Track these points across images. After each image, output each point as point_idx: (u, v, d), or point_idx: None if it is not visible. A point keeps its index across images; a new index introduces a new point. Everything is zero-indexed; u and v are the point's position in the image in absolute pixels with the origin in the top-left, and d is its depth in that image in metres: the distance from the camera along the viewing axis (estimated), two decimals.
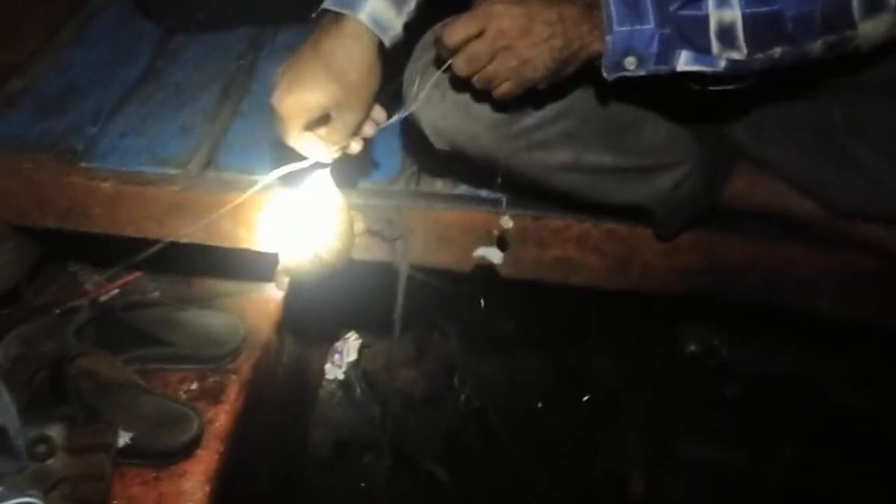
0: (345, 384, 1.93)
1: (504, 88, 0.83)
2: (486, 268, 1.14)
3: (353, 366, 1.94)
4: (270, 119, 0.91)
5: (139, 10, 1.47)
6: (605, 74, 0.83)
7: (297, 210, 0.96)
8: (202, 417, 1.16)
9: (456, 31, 0.81)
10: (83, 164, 1.11)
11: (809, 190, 1.03)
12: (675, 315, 1.48)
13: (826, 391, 1.43)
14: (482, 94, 0.88)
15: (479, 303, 1.62)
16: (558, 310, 1.54)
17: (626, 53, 0.82)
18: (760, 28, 0.81)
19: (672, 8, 0.81)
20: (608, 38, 0.81)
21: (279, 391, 1.52)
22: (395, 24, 0.87)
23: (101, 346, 1.22)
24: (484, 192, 1.13)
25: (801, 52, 0.83)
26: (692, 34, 0.82)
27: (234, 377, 1.27)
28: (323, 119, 0.89)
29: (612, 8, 0.81)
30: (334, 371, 1.94)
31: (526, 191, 1.05)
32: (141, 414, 1.13)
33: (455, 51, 0.82)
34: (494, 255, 1.07)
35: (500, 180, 0.98)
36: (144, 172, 1.11)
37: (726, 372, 1.46)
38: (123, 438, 1.08)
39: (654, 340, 1.56)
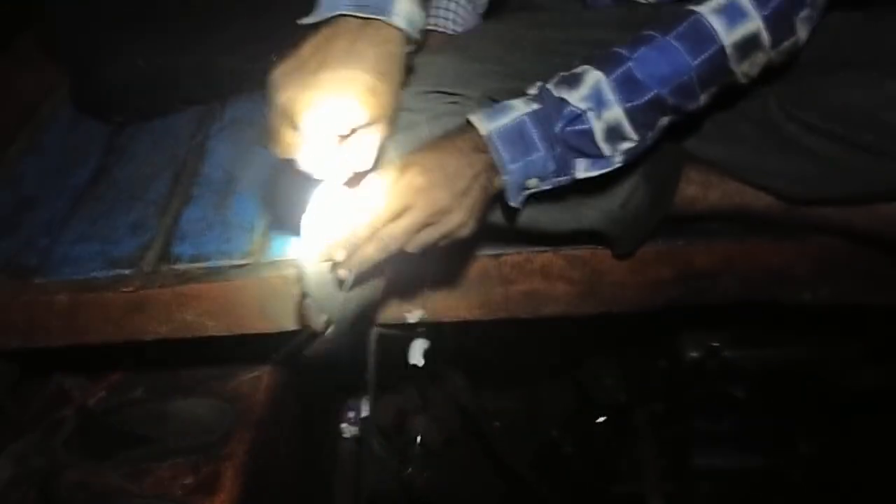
0: (362, 441, 1.92)
1: (423, 237, 0.81)
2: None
3: (367, 422, 1.92)
4: (272, 136, 0.77)
5: (84, 110, 1.48)
6: (511, 203, 0.85)
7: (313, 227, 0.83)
8: None
9: (387, 206, 0.78)
10: (37, 280, 1.11)
11: (762, 183, 1.00)
12: (669, 323, 1.45)
13: (835, 376, 1.38)
14: None
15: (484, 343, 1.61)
16: (554, 335, 1.51)
17: (526, 179, 0.84)
18: (644, 115, 0.83)
19: (557, 129, 0.82)
20: (505, 177, 0.82)
21: (287, 463, 1.50)
22: (421, 17, 0.81)
23: (90, 453, 1.22)
24: None
25: (688, 110, 0.86)
26: (582, 146, 0.83)
27: (228, 463, 1.25)
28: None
29: (501, 150, 0.81)
30: (350, 430, 1.93)
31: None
32: None
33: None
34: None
35: None
36: (98, 278, 1.10)
37: (731, 372, 1.42)
38: None
39: (654, 351, 1.52)
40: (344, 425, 1.92)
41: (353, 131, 0.77)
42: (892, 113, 0.87)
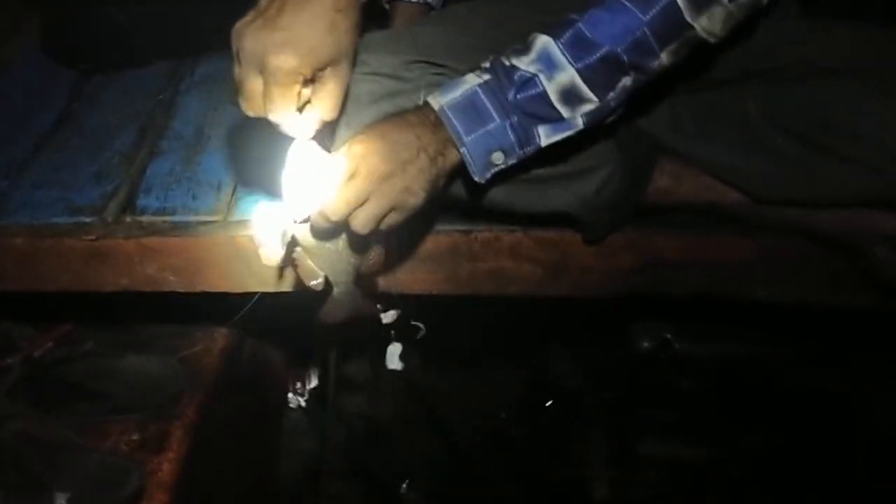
0: (308, 412, 1.91)
1: (390, 219, 0.81)
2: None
3: (315, 392, 1.92)
4: (238, 89, 0.76)
5: (52, 56, 1.43)
6: (477, 179, 0.84)
7: (290, 180, 0.82)
8: (144, 469, 1.12)
9: (328, 187, 0.77)
10: None
11: (733, 181, 1.02)
12: (626, 312, 1.48)
13: (781, 373, 1.42)
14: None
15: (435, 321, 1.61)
16: (510, 317, 1.52)
17: (490, 152, 0.82)
18: (598, 73, 0.82)
19: (510, 96, 0.81)
20: (462, 149, 0.82)
21: (236, 427, 1.49)
22: None
23: (35, 405, 1.19)
24: None
25: (650, 69, 0.84)
26: (539, 111, 0.82)
27: (177, 423, 1.23)
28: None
29: (455, 122, 0.81)
30: (297, 399, 1.92)
31: (446, 209, 1.03)
32: (79, 473, 1.09)
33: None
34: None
35: None
36: (58, 224, 1.07)
37: (681, 364, 1.45)
38: (61, 501, 1.05)
39: (608, 339, 1.55)
40: (290, 394, 1.91)
41: (317, 75, 0.76)
42: (867, 122, 0.90)
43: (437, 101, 0.82)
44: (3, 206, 1.10)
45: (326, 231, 0.82)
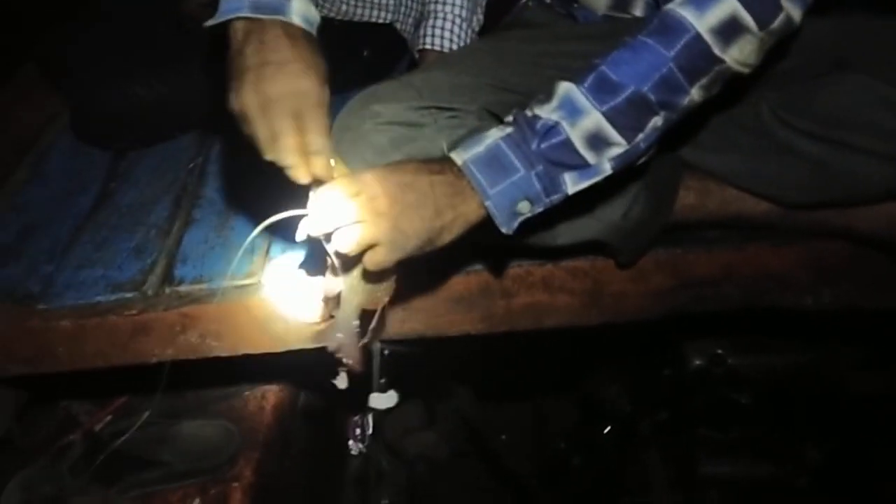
0: (369, 458, 1.91)
1: (378, 255, 0.79)
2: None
3: (374, 438, 1.92)
4: (252, 143, 0.81)
5: (86, 139, 1.49)
6: (504, 230, 0.82)
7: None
8: None
9: (329, 192, 0.78)
10: (41, 307, 1.12)
11: (759, 190, 1.00)
12: (675, 330, 1.45)
13: (840, 379, 1.38)
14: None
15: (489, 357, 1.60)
16: (558, 346, 1.51)
17: (515, 203, 0.81)
18: (626, 115, 0.80)
19: (533, 146, 0.80)
20: (487, 203, 0.80)
21: (296, 481, 1.50)
22: (315, 16, 0.84)
23: (97, 479, 1.22)
24: None
25: (681, 108, 0.82)
26: (564, 158, 0.80)
27: (235, 485, 1.25)
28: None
29: (479, 176, 0.80)
30: (357, 446, 1.92)
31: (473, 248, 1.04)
32: None
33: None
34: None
35: None
36: (101, 302, 1.11)
37: (736, 380, 1.41)
38: None
39: (660, 361, 1.52)
40: (351, 442, 1.92)
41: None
42: (882, 113, 0.87)
43: (461, 156, 0.81)
44: (49, 289, 1.14)
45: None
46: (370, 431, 1.93)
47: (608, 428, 1.63)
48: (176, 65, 1.44)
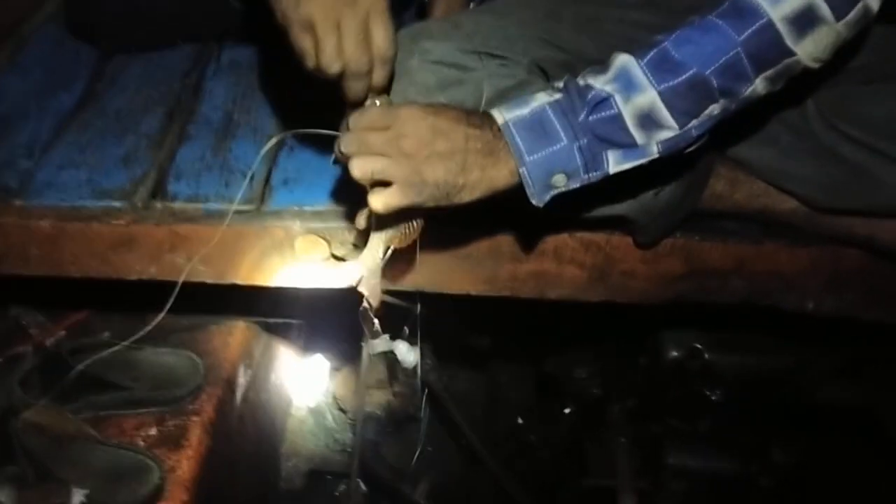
0: (316, 411, 1.87)
1: (386, 195, 0.75)
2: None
3: (323, 392, 1.88)
4: (298, 51, 0.75)
5: (75, 33, 1.38)
6: (534, 202, 0.78)
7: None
8: (163, 466, 1.08)
9: (363, 116, 0.75)
10: (18, 203, 1.03)
11: (790, 188, 0.99)
12: (655, 320, 1.44)
13: (812, 385, 1.40)
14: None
15: (451, 318, 1.56)
16: (534, 320, 1.49)
17: (551, 174, 0.76)
18: (683, 98, 0.76)
19: (581, 117, 0.75)
20: (522, 169, 0.76)
21: (246, 426, 1.44)
22: None
23: (49, 395, 1.14)
24: None
25: (741, 98, 0.78)
26: (611, 134, 0.76)
27: (195, 419, 1.20)
28: None
29: (518, 139, 0.75)
30: (304, 397, 1.87)
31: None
32: (96, 468, 1.05)
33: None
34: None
35: None
36: (86, 207, 1.03)
37: (711, 375, 1.42)
38: (78, 496, 1.01)
39: (636, 347, 1.51)
40: (298, 390, 1.87)
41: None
42: None
43: (503, 115, 0.76)
44: (27, 186, 1.06)
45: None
46: (322, 384, 1.89)
47: (569, 409, 1.62)
48: None
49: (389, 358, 1.68)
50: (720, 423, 1.40)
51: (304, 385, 1.87)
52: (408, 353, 0.99)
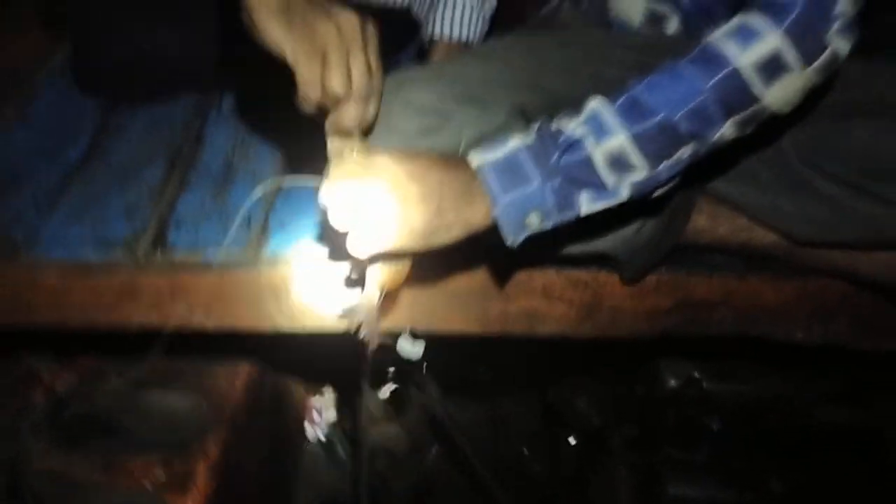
0: (326, 444, 1.89)
1: (364, 242, 0.77)
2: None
3: (333, 424, 1.90)
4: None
5: (80, 84, 1.44)
6: (508, 242, 0.80)
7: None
8: None
9: (339, 165, 0.78)
10: (25, 256, 1.07)
11: (771, 222, 1.01)
12: (653, 349, 1.46)
13: (812, 411, 1.41)
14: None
15: (455, 354, 1.59)
16: (534, 351, 1.51)
17: (525, 215, 0.79)
18: (653, 141, 0.78)
19: (552, 159, 0.78)
20: (495, 210, 0.78)
21: (254, 465, 1.47)
22: None
23: (60, 441, 1.18)
24: None
25: (711, 142, 0.80)
26: (582, 176, 0.79)
27: (202, 461, 1.22)
28: None
29: (491, 181, 0.78)
30: (314, 431, 1.90)
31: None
32: None
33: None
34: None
35: None
36: (90, 260, 1.07)
37: (709, 404, 1.44)
38: None
39: (634, 376, 1.53)
40: (308, 426, 1.90)
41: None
42: None
43: (478, 158, 0.79)
44: (34, 240, 1.10)
45: None
46: (330, 417, 1.91)
47: (572, 438, 1.64)
48: (183, 19, 1.39)
49: (396, 392, 1.73)
50: (719, 452, 1.41)
51: (314, 420, 1.89)
52: (412, 347, 1.01)
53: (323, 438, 1.89)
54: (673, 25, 1.07)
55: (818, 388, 1.42)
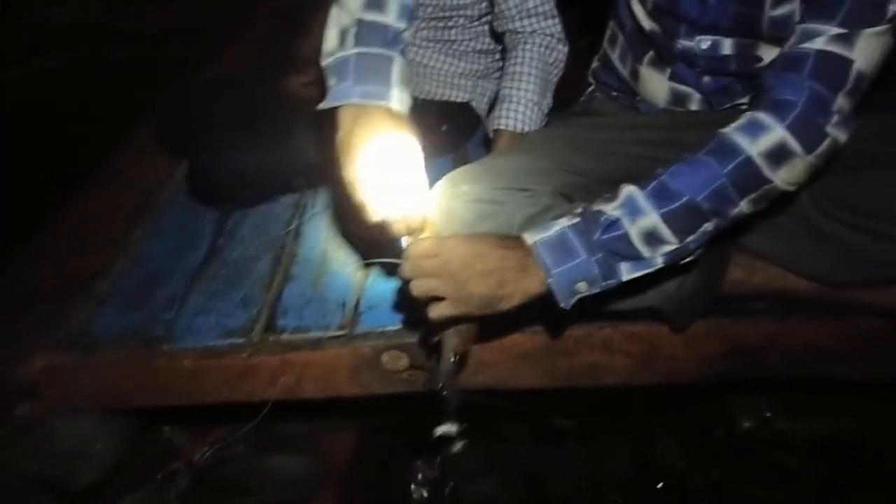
0: (430, 501, 2.01)
1: (441, 307, 0.94)
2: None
3: (436, 483, 2.02)
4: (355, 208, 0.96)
5: (198, 198, 1.69)
6: (562, 305, 0.95)
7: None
8: None
9: (416, 247, 0.94)
10: (164, 348, 1.28)
11: (799, 270, 1.12)
12: (728, 390, 1.54)
13: (886, 448, 1.45)
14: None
15: (536, 406, 1.70)
16: (614, 398, 1.60)
17: (574, 282, 0.94)
18: (680, 219, 0.93)
19: (595, 236, 0.94)
20: (550, 280, 0.94)
21: None
22: (408, 98, 0.98)
23: None
24: None
25: (730, 217, 0.96)
26: (621, 249, 0.94)
27: None
28: None
29: (544, 256, 0.93)
30: (419, 491, 2.03)
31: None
32: None
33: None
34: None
35: None
36: (216, 346, 1.27)
37: (784, 442, 1.49)
38: None
39: (712, 419, 1.60)
40: (413, 486, 2.02)
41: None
42: None
43: (531, 237, 0.95)
44: (170, 333, 1.31)
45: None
46: (433, 476, 2.04)
47: (661, 483, 1.71)
48: (278, 136, 1.63)
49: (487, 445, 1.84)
50: (798, 490, 1.46)
51: (418, 481, 2.02)
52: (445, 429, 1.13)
53: (426, 496, 2.01)
54: (695, 103, 1.21)
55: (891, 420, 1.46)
